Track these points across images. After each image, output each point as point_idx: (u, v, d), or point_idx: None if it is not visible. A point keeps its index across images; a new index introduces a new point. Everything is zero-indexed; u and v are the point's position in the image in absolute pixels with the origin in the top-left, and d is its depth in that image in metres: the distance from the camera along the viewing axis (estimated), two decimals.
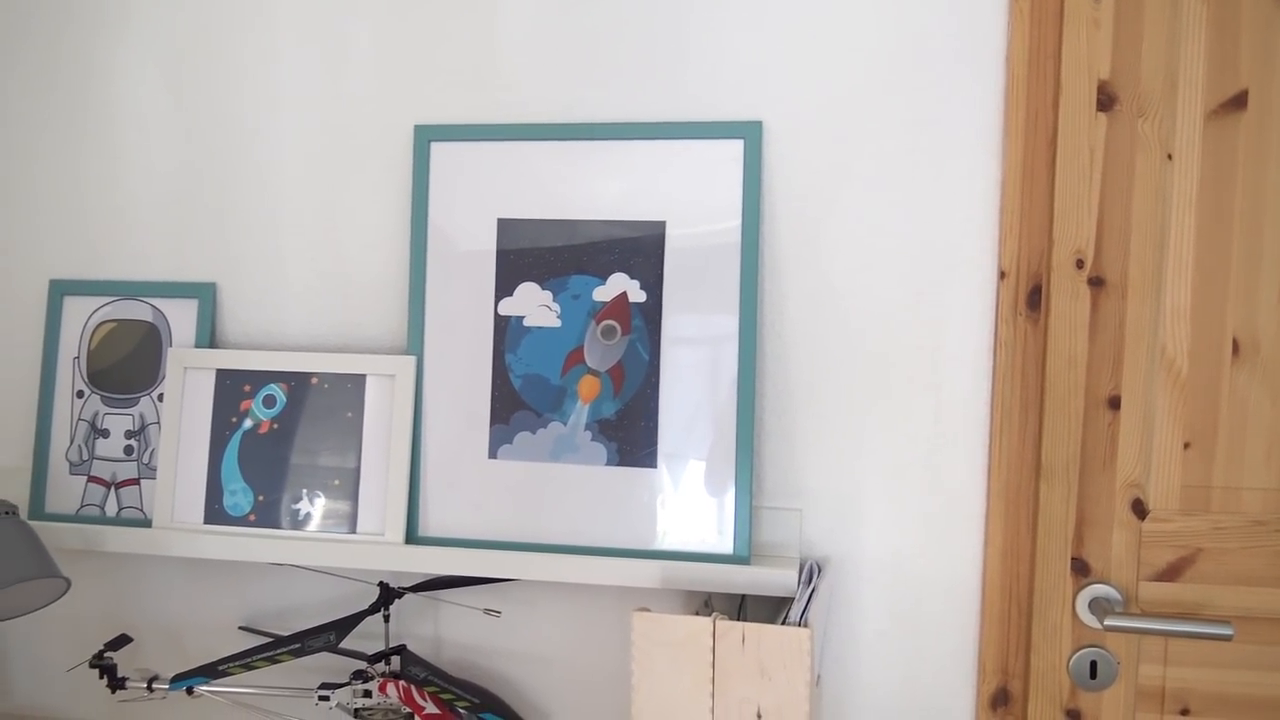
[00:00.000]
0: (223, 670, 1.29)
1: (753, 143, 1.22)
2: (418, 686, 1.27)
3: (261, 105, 1.34)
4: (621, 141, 1.25)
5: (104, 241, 1.40)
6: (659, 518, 1.23)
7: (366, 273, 1.34)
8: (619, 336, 1.25)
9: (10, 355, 1.44)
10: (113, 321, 1.38)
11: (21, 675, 1.50)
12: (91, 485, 1.37)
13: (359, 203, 1.33)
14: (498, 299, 1.27)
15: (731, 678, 1.05)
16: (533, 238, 1.27)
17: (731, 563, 1.20)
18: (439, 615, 1.37)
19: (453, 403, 1.28)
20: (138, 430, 1.37)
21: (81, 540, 1.33)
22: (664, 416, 1.23)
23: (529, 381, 1.26)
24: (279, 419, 1.31)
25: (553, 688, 1.35)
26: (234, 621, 1.42)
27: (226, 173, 1.36)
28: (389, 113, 1.32)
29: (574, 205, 1.26)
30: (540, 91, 1.28)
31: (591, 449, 1.25)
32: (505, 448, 1.27)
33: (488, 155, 1.28)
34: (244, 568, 1.41)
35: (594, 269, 1.25)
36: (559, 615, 1.34)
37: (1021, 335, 1.19)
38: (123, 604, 1.45)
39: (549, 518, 1.25)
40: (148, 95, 1.37)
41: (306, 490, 1.29)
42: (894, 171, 1.21)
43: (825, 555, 1.27)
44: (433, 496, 1.28)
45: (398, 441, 1.27)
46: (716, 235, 1.22)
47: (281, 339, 1.37)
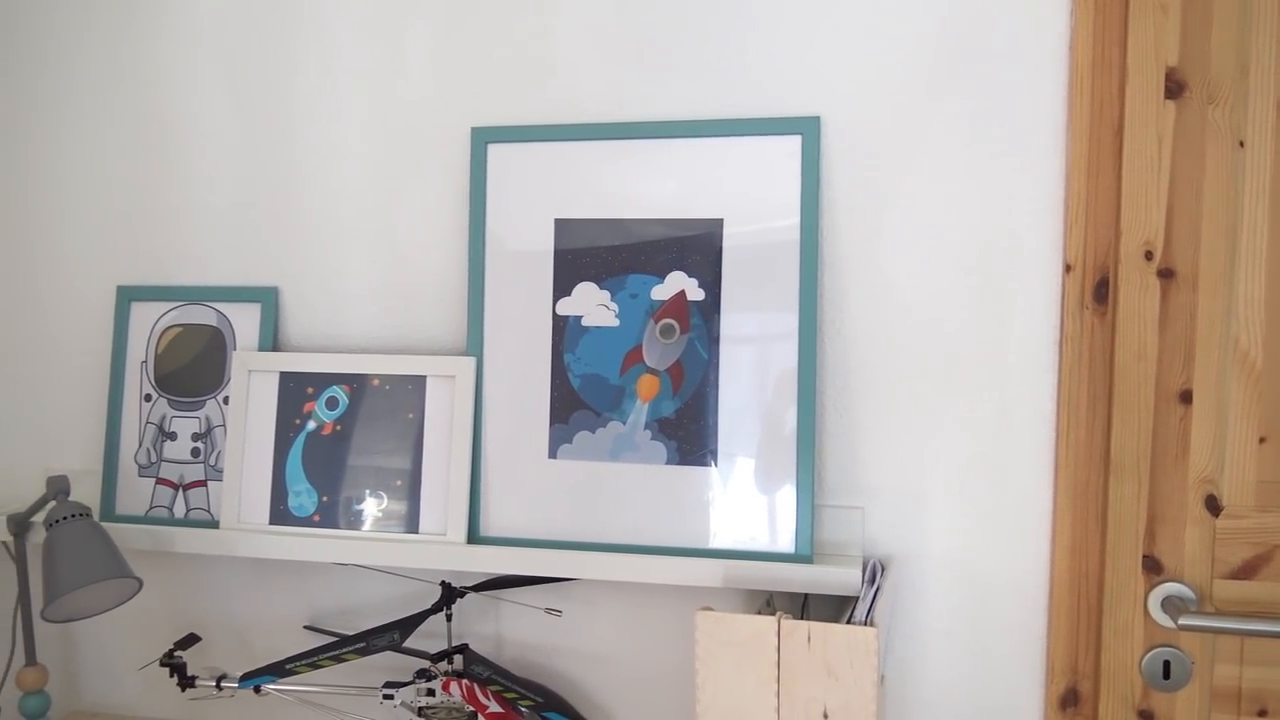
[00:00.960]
0: (290, 669, 1.30)
1: (811, 138, 1.21)
2: (481, 685, 1.28)
3: (321, 110, 1.36)
4: (678, 140, 1.25)
5: (169, 248, 1.43)
6: (719, 516, 1.23)
7: (426, 274, 1.35)
8: (677, 335, 1.24)
9: (80, 361, 1.48)
10: (179, 326, 1.41)
11: (94, 674, 1.53)
12: (160, 487, 1.40)
13: (417, 205, 1.35)
14: (556, 299, 1.28)
15: (797, 677, 1.04)
16: (590, 237, 1.27)
17: (794, 561, 1.19)
18: (500, 614, 1.37)
19: (512, 403, 1.29)
20: (204, 433, 1.39)
21: (151, 541, 1.35)
22: (723, 415, 1.23)
23: (588, 381, 1.26)
24: (341, 420, 1.32)
25: (614, 687, 1.36)
26: (299, 620, 1.44)
27: (287, 178, 1.38)
28: (446, 115, 1.32)
29: (631, 204, 1.26)
30: (597, 91, 1.28)
31: (651, 448, 1.25)
32: (565, 447, 1.27)
33: (545, 156, 1.28)
34: (308, 567, 1.42)
35: (652, 268, 1.25)
36: (619, 614, 1.34)
37: (1088, 329, 1.17)
38: (191, 604, 1.48)
39: (609, 517, 1.25)
40: (210, 103, 1.39)
41: (369, 491, 1.31)
42: (955, 164, 1.20)
43: (888, 554, 1.25)
44: (493, 496, 1.29)
45: (458, 442, 1.28)
46: (775, 232, 1.22)
47: (343, 341, 1.39)
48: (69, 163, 1.45)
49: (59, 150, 1.45)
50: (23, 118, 1.46)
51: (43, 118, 1.45)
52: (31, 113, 1.45)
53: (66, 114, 1.44)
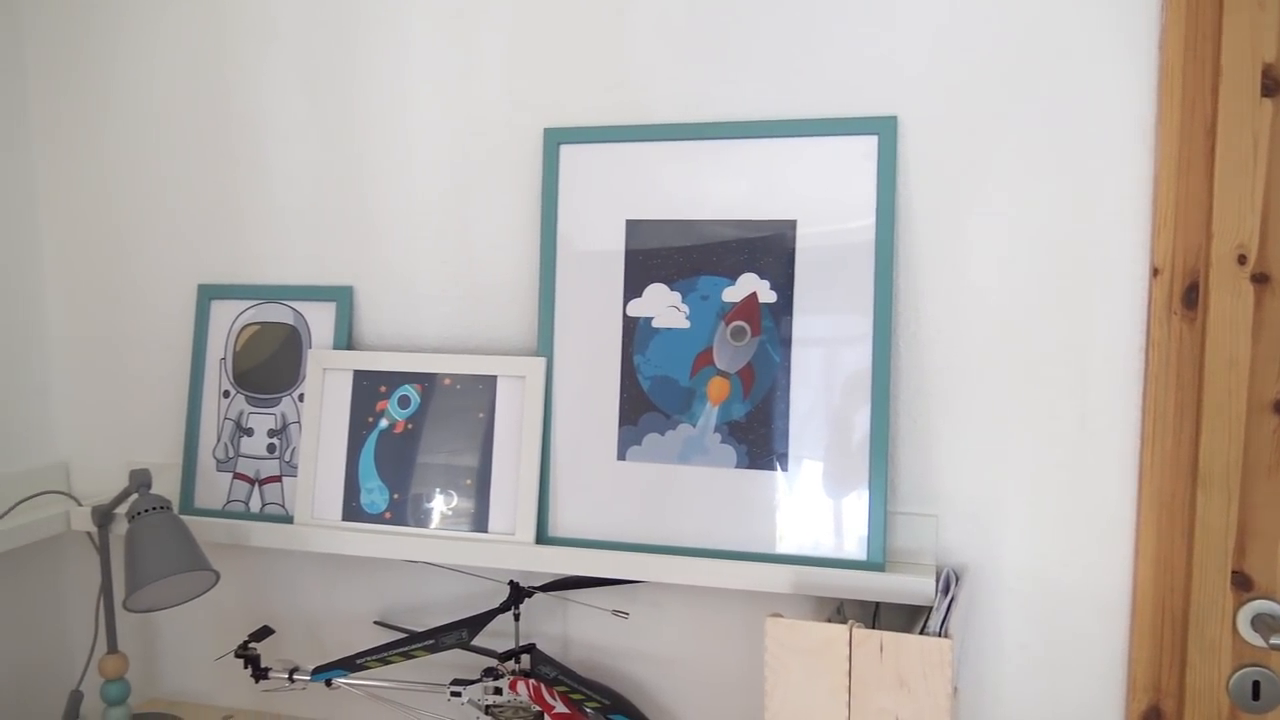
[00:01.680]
0: (360, 664, 1.32)
1: (887, 138, 1.19)
2: (547, 685, 1.28)
3: (396, 112, 1.37)
4: (751, 140, 1.24)
5: (248, 248, 1.46)
6: (788, 521, 1.21)
7: (497, 275, 1.36)
8: (749, 337, 1.23)
9: (162, 357, 1.51)
10: (256, 324, 1.44)
11: (171, 663, 1.57)
12: (237, 482, 1.43)
13: (490, 206, 1.35)
14: (626, 300, 1.27)
15: (868, 687, 1.02)
16: (661, 238, 1.26)
17: (865, 569, 1.17)
18: (567, 615, 1.38)
19: (582, 404, 1.28)
20: (280, 429, 1.41)
21: (228, 535, 1.38)
22: (795, 418, 1.21)
23: (658, 383, 1.26)
24: (413, 419, 1.34)
25: (680, 691, 1.35)
26: (369, 616, 1.46)
27: (363, 179, 1.40)
28: (519, 117, 1.33)
29: (703, 205, 1.25)
30: (669, 91, 1.27)
31: (721, 451, 1.24)
32: (634, 449, 1.26)
33: (617, 157, 1.28)
34: (379, 564, 1.44)
35: (723, 269, 1.24)
36: (686, 618, 1.33)
37: (1176, 335, 1.13)
38: (265, 596, 1.50)
39: (677, 520, 1.25)
40: (289, 106, 1.42)
41: (439, 489, 1.32)
42: (1037, 164, 1.17)
43: (962, 563, 1.23)
44: (562, 497, 1.29)
45: (528, 442, 1.28)
46: (849, 234, 1.20)
47: (415, 340, 1.40)
48: (154, 165, 1.49)
49: (144, 153, 1.49)
50: (110, 122, 1.50)
51: (128, 122, 1.49)
52: (118, 117, 1.49)
53: (151, 118, 1.48)
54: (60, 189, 1.53)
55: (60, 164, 1.52)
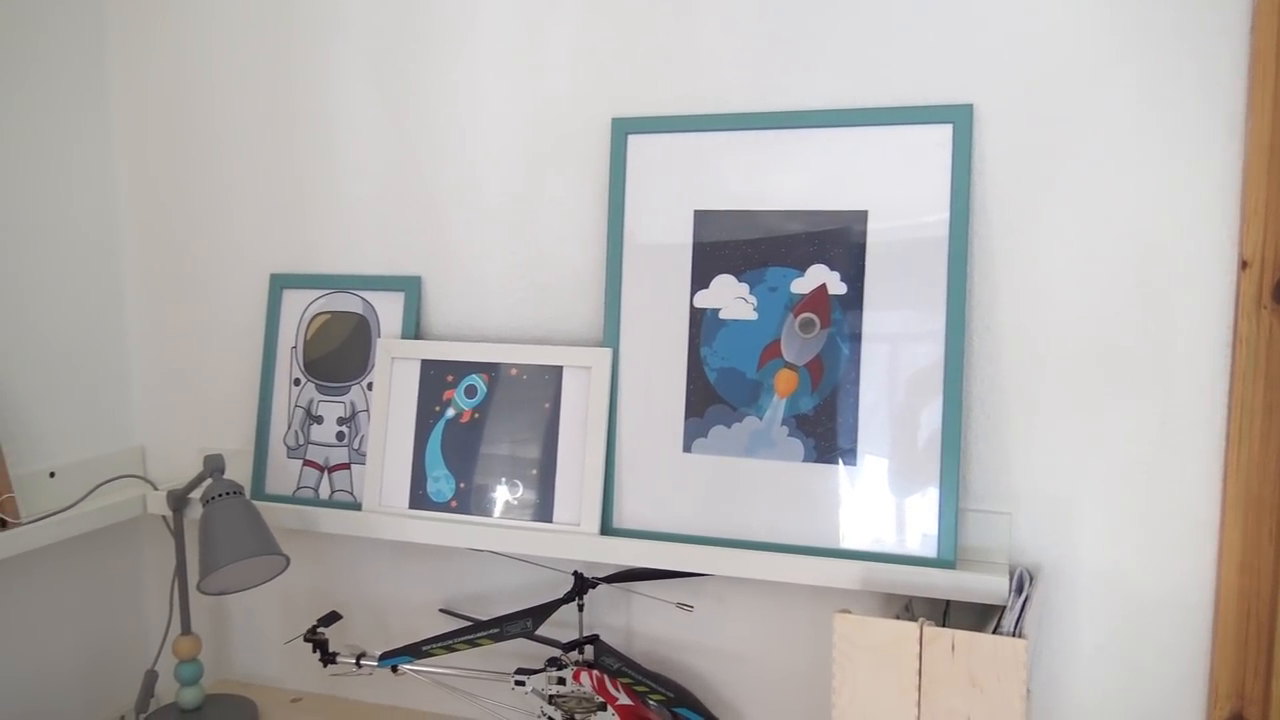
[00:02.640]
0: (426, 651, 1.33)
1: (963, 127, 1.16)
2: (611, 677, 1.28)
3: (465, 103, 1.38)
4: (822, 130, 1.22)
5: (319, 238, 1.48)
6: (857, 517, 1.19)
7: (564, 265, 1.36)
8: (818, 330, 1.21)
9: (236, 346, 1.54)
10: (326, 314, 1.45)
11: (242, 646, 1.60)
12: (307, 469, 1.45)
13: (557, 197, 1.35)
14: (693, 291, 1.26)
15: (939, 686, 1.00)
16: (729, 229, 1.25)
17: (935, 566, 1.15)
18: (631, 607, 1.37)
19: (648, 395, 1.28)
20: (349, 417, 1.43)
21: (298, 521, 1.40)
22: (864, 412, 1.19)
23: (724, 375, 1.25)
24: (479, 409, 1.34)
25: (744, 685, 1.34)
26: (434, 603, 1.47)
27: (432, 170, 1.41)
28: (587, 107, 1.33)
29: (772, 196, 1.24)
30: (739, 81, 1.26)
31: (788, 444, 1.22)
32: (700, 441, 1.26)
33: (685, 147, 1.27)
34: (444, 552, 1.45)
35: (792, 261, 1.23)
36: (751, 612, 1.32)
37: (1265, 330, 1.09)
38: (332, 582, 1.52)
39: (743, 513, 1.24)
40: (359, 97, 1.43)
41: (505, 479, 1.32)
42: (1119, 154, 1.13)
43: (1036, 562, 1.20)
44: (627, 488, 1.28)
45: (593, 433, 1.28)
46: (923, 225, 1.17)
47: (482, 330, 1.40)
48: (229, 157, 1.51)
49: (220, 145, 1.51)
50: (188, 115, 1.52)
51: (206, 115, 1.51)
52: (196, 109, 1.52)
53: (227, 110, 1.50)
54: (140, 182, 1.56)
55: (140, 157, 1.56)
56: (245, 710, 1.43)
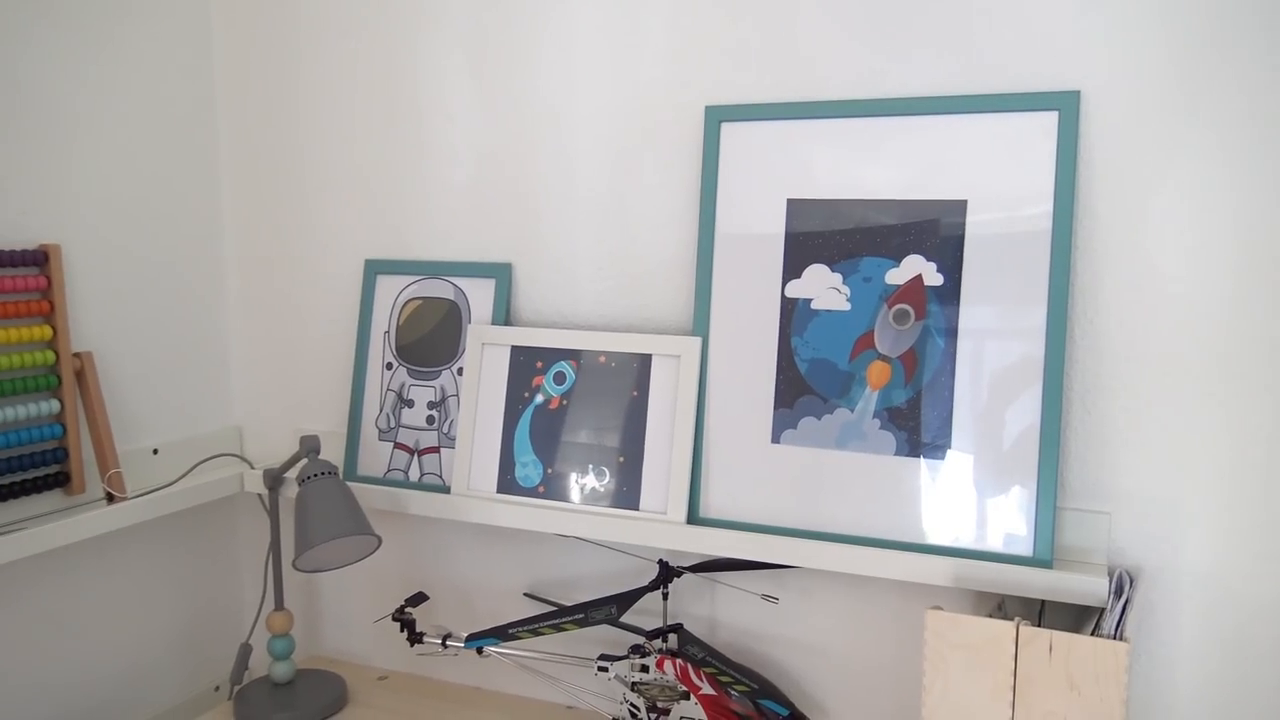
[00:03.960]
0: (512, 634, 1.35)
1: (1069, 114, 1.13)
2: (695, 666, 1.28)
3: (558, 90, 1.38)
4: (920, 117, 1.19)
5: (413, 224, 1.50)
6: (949, 512, 1.17)
7: (654, 253, 1.35)
8: (912, 321, 1.19)
9: (330, 330, 1.57)
10: (419, 299, 1.48)
11: (332, 624, 1.64)
12: (397, 451, 1.47)
13: (649, 184, 1.35)
14: (785, 281, 1.25)
15: (1035, 688, 0.98)
16: (823, 218, 1.24)
17: (1031, 565, 1.12)
18: (715, 596, 1.37)
19: (737, 385, 1.27)
20: (439, 401, 1.45)
21: (388, 502, 1.42)
22: (959, 406, 1.17)
23: (815, 366, 1.23)
24: (568, 395, 1.35)
25: (829, 680, 1.32)
26: (518, 587, 1.49)
27: (524, 157, 1.42)
28: (680, 94, 1.32)
29: (868, 184, 1.22)
30: (836, 67, 1.24)
31: (879, 437, 1.20)
32: (789, 432, 1.24)
33: (779, 134, 1.26)
34: (531, 536, 1.46)
35: (887, 250, 1.20)
36: (837, 606, 1.31)
37: None
38: (420, 563, 1.55)
39: (832, 506, 1.22)
40: (453, 84, 1.44)
41: (592, 465, 1.33)
42: (1233, 141, 1.09)
43: (1136, 564, 1.16)
44: (715, 478, 1.28)
45: (681, 422, 1.28)
46: (1024, 214, 1.14)
47: (571, 318, 1.41)
48: (327, 144, 1.54)
49: (318, 133, 1.54)
50: (288, 103, 1.56)
51: (305, 103, 1.55)
52: (296, 97, 1.55)
53: (326, 98, 1.53)
54: (241, 168, 1.60)
55: (241, 144, 1.60)
56: (334, 686, 1.47)
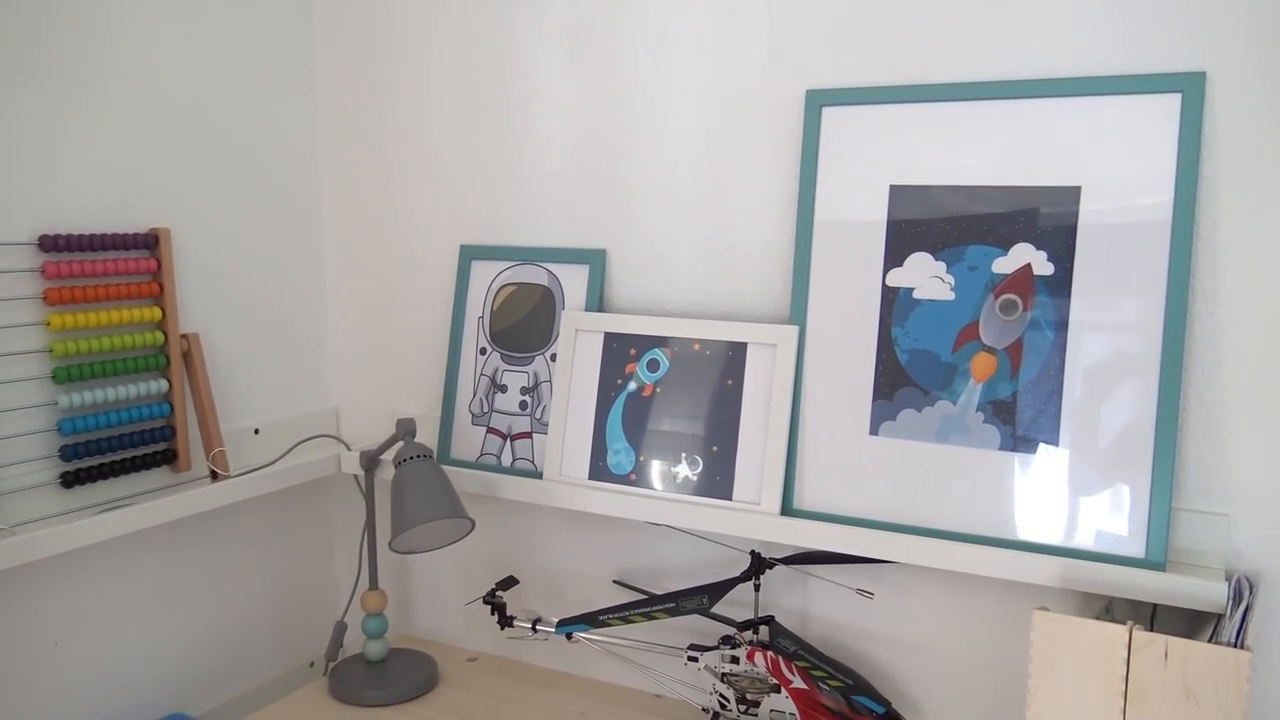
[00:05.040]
0: (603, 620, 1.35)
1: (1192, 96, 1.07)
2: (786, 659, 1.26)
3: (655, 75, 1.37)
4: (1032, 100, 1.15)
5: (508, 210, 1.50)
6: (1055, 510, 1.13)
7: (750, 240, 1.34)
8: (1020, 312, 1.15)
9: (425, 315, 1.59)
10: (513, 285, 1.48)
11: (423, 605, 1.66)
12: (490, 436, 1.48)
13: (746, 171, 1.33)
14: (886, 269, 1.22)
15: (1148, 696, 0.94)
16: (927, 205, 1.20)
17: (1143, 567, 1.08)
18: (808, 589, 1.35)
19: (834, 376, 1.25)
20: (532, 387, 1.45)
21: (481, 486, 1.43)
22: (1068, 400, 1.13)
23: (917, 357, 1.20)
24: (661, 383, 1.34)
25: (924, 678, 1.29)
26: (608, 573, 1.49)
27: (619, 143, 1.41)
28: (780, 79, 1.30)
29: (975, 170, 1.18)
30: (942, 50, 1.20)
31: (983, 431, 1.17)
32: (888, 425, 1.22)
33: (882, 119, 1.23)
34: (621, 524, 1.46)
35: (994, 239, 1.17)
36: (934, 603, 1.28)
37: None
38: (511, 548, 1.56)
39: (932, 501, 1.19)
40: (552, 71, 1.44)
41: (685, 454, 1.32)
42: None
43: (1255, 569, 1.11)
44: (810, 469, 1.26)
45: (777, 412, 1.26)
46: (1142, 202, 1.10)
47: (665, 305, 1.40)
48: (424, 131, 1.56)
49: (416, 119, 1.56)
50: (386, 89, 1.58)
51: (403, 89, 1.56)
52: (395, 85, 1.57)
53: (424, 86, 1.54)
54: (339, 155, 1.63)
55: (340, 132, 1.62)
56: (426, 666, 1.49)
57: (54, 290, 1.23)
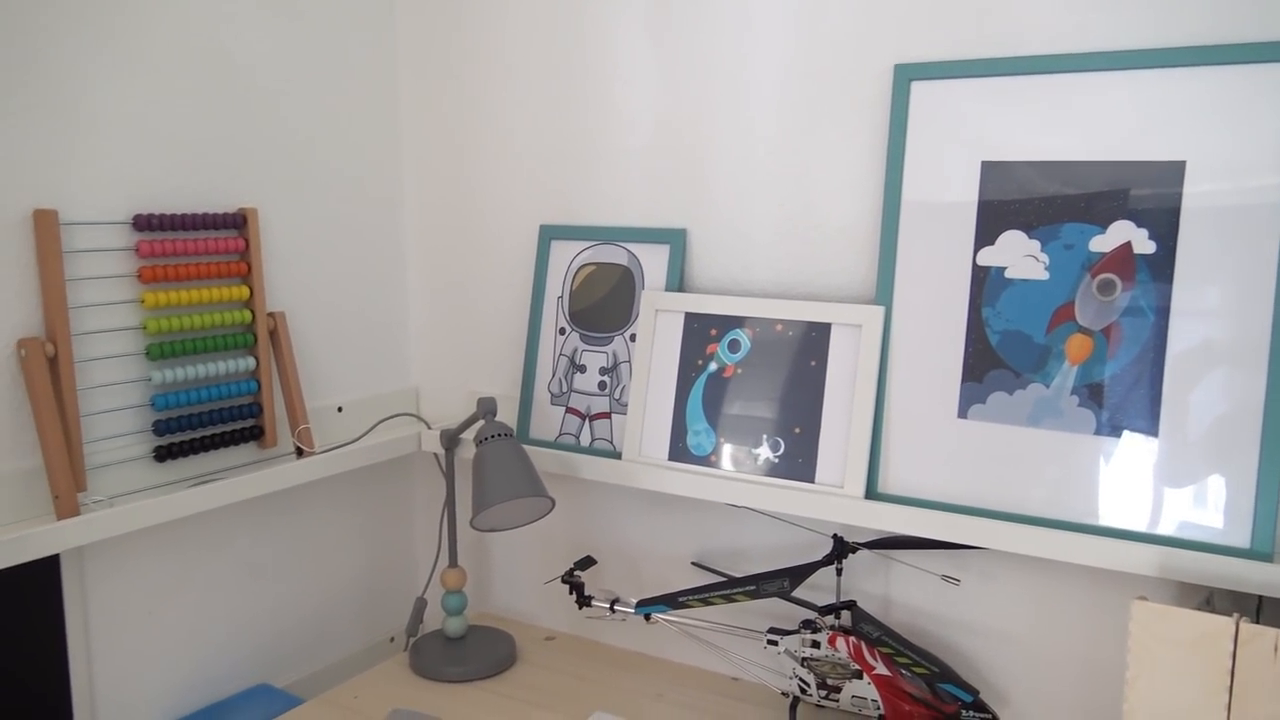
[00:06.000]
0: (682, 602, 1.34)
1: None
2: (869, 645, 1.24)
3: (738, 51, 1.35)
4: (1132, 71, 1.11)
5: (588, 190, 1.50)
6: (1154, 497, 1.09)
7: (835, 219, 1.31)
8: (1118, 292, 1.11)
9: (507, 295, 1.59)
10: (593, 265, 1.48)
11: (501, 583, 1.67)
12: (569, 416, 1.48)
13: (831, 148, 1.30)
14: (977, 248, 1.19)
15: (1255, 691, 0.90)
16: (1020, 182, 1.17)
17: (1249, 558, 1.03)
18: (890, 574, 1.33)
19: (921, 357, 1.22)
20: (611, 367, 1.45)
21: (559, 466, 1.44)
22: (1169, 384, 1.09)
23: (1008, 338, 1.17)
24: (743, 364, 1.33)
25: (1010, 667, 1.26)
26: (686, 555, 1.48)
27: (701, 120, 1.39)
28: (867, 53, 1.27)
29: (1071, 146, 1.14)
30: (1036, 19, 1.16)
31: (1077, 415, 1.13)
32: (977, 407, 1.19)
33: (974, 93, 1.19)
34: (701, 505, 1.45)
35: (1092, 216, 1.13)
36: (1021, 591, 1.24)
37: None
38: (589, 528, 1.56)
39: (1023, 486, 1.16)
40: (633, 49, 1.43)
41: (766, 436, 1.30)
42: None
43: None
44: (895, 453, 1.23)
45: (861, 394, 1.24)
46: (1252, 175, 1.05)
47: (746, 285, 1.38)
48: (504, 110, 1.56)
49: (496, 99, 1.56)
50: (467, 70, 1.58)
51: (484, 69, 1.56)
52: (475, 65, 1.57)
53: (504, 65, 1.54)
54: (420, 136, 1.64)
55: (421, 112, 1.63)
56: (504, 643, 1.50)
57: (148, 269, 1.26)
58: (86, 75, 1.20)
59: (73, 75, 1.19)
